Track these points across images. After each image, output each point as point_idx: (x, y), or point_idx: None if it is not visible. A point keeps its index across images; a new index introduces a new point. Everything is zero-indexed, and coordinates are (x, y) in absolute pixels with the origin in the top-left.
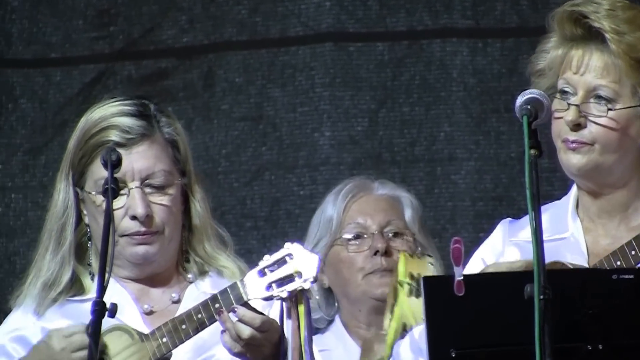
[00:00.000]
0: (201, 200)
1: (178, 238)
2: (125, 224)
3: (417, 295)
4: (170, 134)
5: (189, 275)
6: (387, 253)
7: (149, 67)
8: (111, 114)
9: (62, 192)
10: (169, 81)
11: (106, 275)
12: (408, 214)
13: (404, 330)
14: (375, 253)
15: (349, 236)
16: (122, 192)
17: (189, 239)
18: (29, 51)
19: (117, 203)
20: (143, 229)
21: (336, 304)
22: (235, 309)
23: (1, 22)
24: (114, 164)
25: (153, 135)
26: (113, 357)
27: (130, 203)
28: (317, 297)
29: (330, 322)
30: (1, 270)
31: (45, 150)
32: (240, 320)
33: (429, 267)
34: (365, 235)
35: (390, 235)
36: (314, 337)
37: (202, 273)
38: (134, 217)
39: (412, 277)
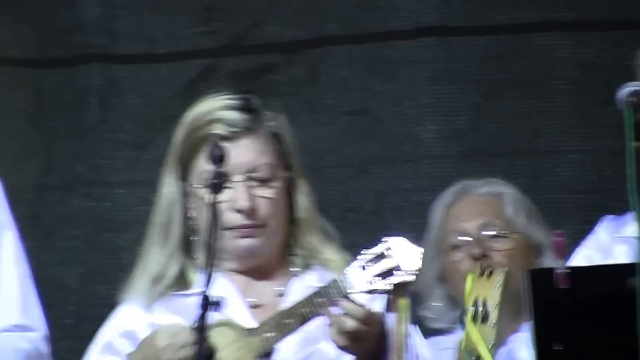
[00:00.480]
0: (306, 194)
1: (282, 231)
2: (230, 217)
3: (483, 321)
4: (275, 127)
5: (294, 268)
6: (486, 256)
7: (253, 62)
8: (217, 108)
9: (169, 186)
10: (274, 76)
11: (212, 269)
12: (509, 211)
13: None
14: (476, 258)
15: (452, 245)
16: (226, 185)
17: (294, 232)
18: (135, 47)
19: (222, 196)
20: (247, 222)
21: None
22: (339, 302)
23: (107, 19)
24: (219, 159)
25: (258, 129)
26: (219, 352)
27: (234, 196)
28: (440, 304)
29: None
30: (108, 265)
31: (151, 146)
32: (344, 313)
33: (497, 290)
34: (466, 241)
35: (490, 237)
36: (442, 337)
37: (307, 266)
38: (238, 210)
39: (476, 302)
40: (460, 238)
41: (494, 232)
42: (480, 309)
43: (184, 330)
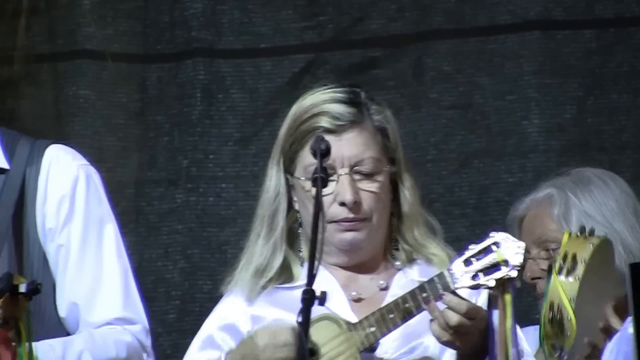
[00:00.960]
0: (410, 188)
1: (386, 225)
2: (334, 210)
3: (567, 275)
4: (380, 121)
5: (397, 263)
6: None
7: (358, 56)
8: (322, 101)
9: (274, 179)
10: (378, 70)
11: (316, 263)
12: (555, 211)
13: (551, 309)
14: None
15: None
16: (331, 178)
17: (397, 226)
18: (239, 42)
19: (326, 189)
20: (351, 215)
21: None
22: (443, 296)
23: (212, 13)
24: (323, 153)
25: (363, 123)
26: (321, 347)
27: (339, 189)
28: None
29: None
30: (212, 259)
31: (255, 140)
32: (447, 308)
33: (589, 248)
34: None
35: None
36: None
37: (411, 261)
38: (342, 204)
39: (565, 256)
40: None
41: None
42: (569, 262)
43: (284, 329)
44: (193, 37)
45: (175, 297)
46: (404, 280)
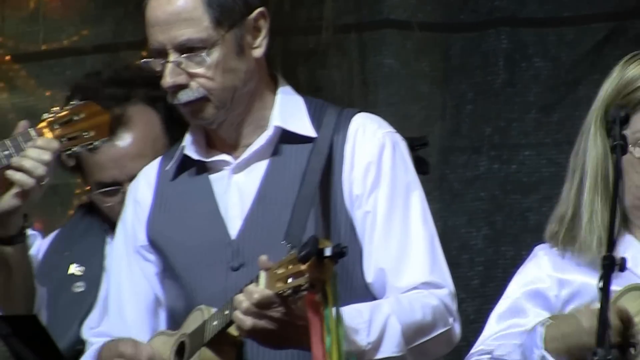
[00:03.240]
0: None
1: None
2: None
3: None
4: None
5: None
6: None
7: None
8: None
9: (596, 142)
10: None
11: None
12: None
13: None
14: None
15: None
16: None
17: None
18: (542, 10)
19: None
20: None
21: None
22: None
23: None
24: (622, 121)
25: None
26: (634, 316)
27: None
28: None
29: None
30: (515, 226)
31: (557, 108)
32: None
33: None
34: None
35: None
36: None
37: None
38: None
39: None
40: None
41: None
42: None
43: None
44: (496, 6)
45: (479, 263)
46: None
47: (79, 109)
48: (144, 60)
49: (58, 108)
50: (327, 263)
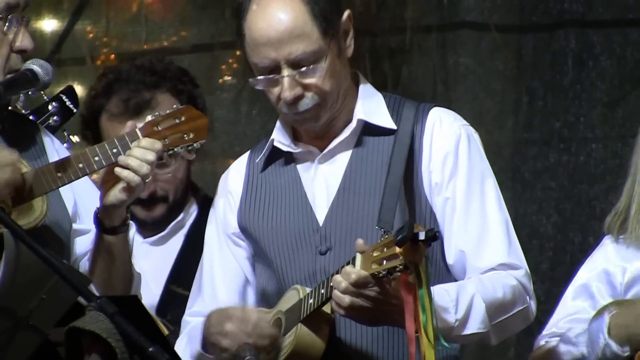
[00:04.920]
0: None
1: None
2: None
3: None
4: None
5: None
6: None
7: None
8: None
9: None
10: None
11: None
12: None
13: None
14: None
15: None
16: None
17: None
18: (608, 13)
19: None
20: None
21: None
22: None
23: None
24: None
25: None
26: None
27: None
28: None
29: None
30: (582, 213)
31: (622, 104)
32: None
33: None
34: None
35: None
36: None
37: None
38: None
39: None
40: None
41: None
42: None
43: None
44: (565, 9)
45: (548, 248)
46: None
47: (180, 112)
48: (255, 79)
49: (159, 113)
50: (421, 246)
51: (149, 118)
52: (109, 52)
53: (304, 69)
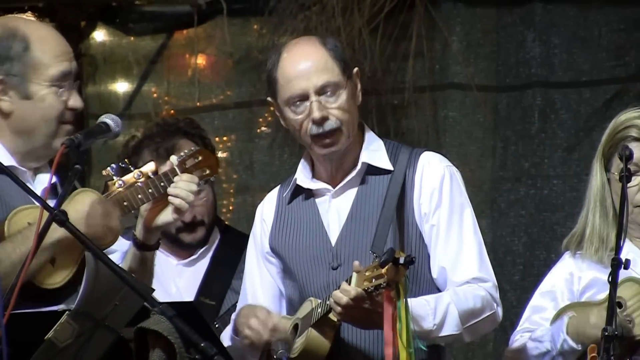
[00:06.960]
0: None
1: None
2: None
3: None
4: None
5: None
6: None
7: None
8: (633, 117)
9: (597, 175)
10: None
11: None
12: None
13: None
14: None
15: None
16: (636, 174)
17: None
18: (567, 76)
19: (631, 183)
20: None
21: None
22: None
23: (547, 55)
24: (627, 157)
25: None
26: (627, 300)
27: None
28: None
29: None
30: (546, 236)
31: (578, 148)
32: None
33: None
34: None
35: None
36: None
37: None
38: None
39: None
40: None
41: None
42: None
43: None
44: (533, 73)
45: (520, 263)
46: None
47: (197, 153)
48: (293, 110)
49: (183, 153)
50: (401, 268)
51: (173, 158)
52: (169, 108)
53: (329, 93)
